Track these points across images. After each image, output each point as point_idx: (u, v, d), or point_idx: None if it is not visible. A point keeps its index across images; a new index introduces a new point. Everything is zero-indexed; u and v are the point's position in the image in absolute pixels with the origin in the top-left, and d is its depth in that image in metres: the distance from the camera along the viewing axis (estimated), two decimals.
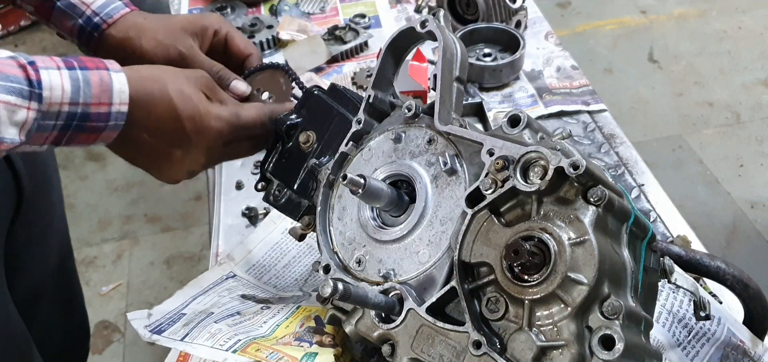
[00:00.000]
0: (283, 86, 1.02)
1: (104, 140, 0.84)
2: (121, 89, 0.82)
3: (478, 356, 0.69)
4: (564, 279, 0.66)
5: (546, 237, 0.67)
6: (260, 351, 0.81)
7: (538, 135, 0.78)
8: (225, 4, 1.89)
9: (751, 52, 3.73)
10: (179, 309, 0.95)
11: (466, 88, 1.00)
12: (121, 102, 0.82)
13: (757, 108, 3.38)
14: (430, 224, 0.78)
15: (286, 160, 0.95)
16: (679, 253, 0.86)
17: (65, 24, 1.05)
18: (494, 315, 0.70)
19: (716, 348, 0.92)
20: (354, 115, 0.89)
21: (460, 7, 1.71)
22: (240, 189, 1.34)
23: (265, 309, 0.95)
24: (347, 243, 0.84)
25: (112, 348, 2.47)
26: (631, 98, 3.46)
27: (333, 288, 0.67)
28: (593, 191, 0.68)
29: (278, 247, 1.15)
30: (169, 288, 2.54)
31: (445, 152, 0.79)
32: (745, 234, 2.75)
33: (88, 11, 1.03)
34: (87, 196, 3.09)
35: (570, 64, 1.63)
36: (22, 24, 4.20)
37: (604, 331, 0.65)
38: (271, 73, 1.03)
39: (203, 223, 2.82)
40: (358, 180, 0.76)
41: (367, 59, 1.69)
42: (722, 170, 3.03)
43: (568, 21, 4.06)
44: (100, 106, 0.80)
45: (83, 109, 0.79)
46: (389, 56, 0.90)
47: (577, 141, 1.40)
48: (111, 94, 0.81)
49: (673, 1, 4.17)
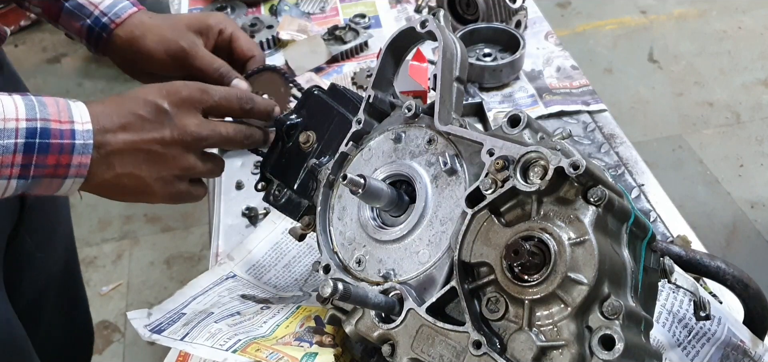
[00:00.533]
0: (281, 89, 1.03)
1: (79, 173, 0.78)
2: (80, 110, 0.78)
3: (478, 356, 0.69)
4: (564, 279, 0.65)
5: (546, 237, 0.67)
6: (260, 351, 0.81)
7: (538, 135, 0.78)
8: (225, 4, 1.89)
9: (751, 52, 3.74)
10: (179, 308, 0.95)
11: (466, 88, 1.00)
12: (83, 121, 0.77)
13: (757, 108, 3.38)
14: (430, 224, 0.78)
15: (286, 160, 0.95)
16: (679, 253, 0.86)
17: (74, 25, 1.04)
18: (494, 315, 0.70)
19: (716, 348, 0.92)
20: (354, 115, 0.89)
21: (460, 7, 1.71)
22: (240, 189, 1.34)
23: (265, 309, 0.95)
24: (347, 243, 0.84)
25: (112, 348, 2.47)
26: (631, 98, 3.46)
27: (333, 288, 0.67)
28: (593, 191, 0.68)
29: (278, 247, 1.15)
30: (169, 288, 2.54)
31: (445, 152, 0.79)
32: (745, 234, 2.75)
33: (96, 11, 1.02)
34: (87, 196, 3.08)
35: (570, 64, 1.63)
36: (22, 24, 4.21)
37: (604, 331, 0.64)
38: (271, 75, 1.03)
39: (203, 223, 2.82)
40: (358, 180, 0.76)
41: (367, 59, 1.69)
42: (722, 170, 3.03)
43: (568, 21, 4.06)
44: (61, 123, 0.76)
45: (43, 125, 0.74)
46: (389, 56, 0.90)
47: (577, 141, 1.40)
48: (69, 112, 0.77)
49: (673, 1, 4.17)
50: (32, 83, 3.84)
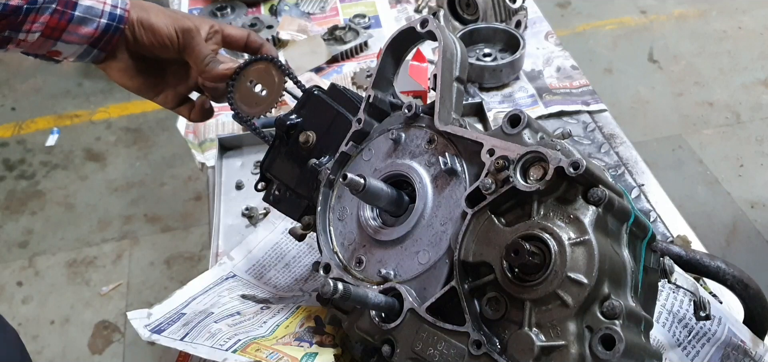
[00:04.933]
0: (275, 79, 1.02)
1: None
2: None
3: (478, 356, 0.69)
4: (564, 279, 0.65)
5: (546, 237, 0.67)
6: (260, 351, 0.81)
7: (538, 135, 0.78)
8: (225, 4, 1.89)
9: (751, 52, 3.74)
10: (179, 309, 0.95)
11: (466, 88, 1.00)
12: None
13: (757, 108, 3.38)
14: (430, 224, 0.78)
15: (286, 160, 0.95)
16: (679, 253, 0.86)
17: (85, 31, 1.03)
18: (494, 315, 0.70)
19: (716, 348, 0.92)
20: (354, 115, 0.89)
21: (460, 7, 1.71)
22: (240, 189, 1.34)
23: (265, 309, 0.95)
24: (347, 243, 0.84)
25: (112, 348, 2.47)
26: (631, 98, 3.46)
27: (333, 288, 0.67)
28: (593, 191, 0.68)
29: (278, 247, 1.15)
30: (169, 288, 2.54)
31: (445, 152, 0.79)
32: (745, 234, 2.75)
33: (107, 7, 1.03)
34: (87, 196, 3.09)
35: (570, 64, 1.63)
36: None
37: (605, 331, 0.64)
38: (266, 65, 1.03)
39: (203, 223, 2.82)
40: (358, 180, 0.76)
41: (367, 59, 1.69)
42: (722, 170, 3.03)
43: (568, 21, 4.06)
44: None
45: None
46: (389, 56, 0.90)
47: (577, 141, 1.40)
48: None
49: (673, 1, 4.17)
50: (31, 83, 3.84)
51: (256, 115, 1.02)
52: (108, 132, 3.45)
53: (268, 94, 1.02)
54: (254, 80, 1.03)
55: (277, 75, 1.02)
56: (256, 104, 1.02)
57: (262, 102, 1.02)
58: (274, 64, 1.02)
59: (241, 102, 1.03)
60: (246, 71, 1.03)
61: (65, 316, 2.57)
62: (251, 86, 1.02)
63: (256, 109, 1.02)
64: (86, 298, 2.62)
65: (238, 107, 1.02)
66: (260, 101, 1.02)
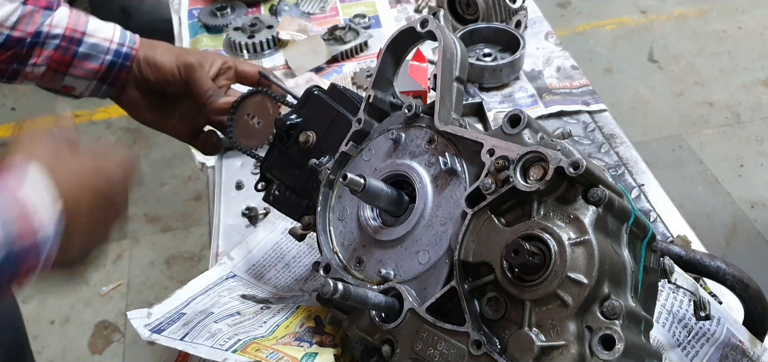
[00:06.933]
0: (269, 111, 1.05)
1: None
2: None
3: (478, 356, 0.69)
4: (564, 279, 0.66)
5: (546, 237, 0.67)
6: (260, 351, 0.81)
7: (538, 135, 0.78)
8: (225, 4, 1.88)
9: (751, 52, 3.74)
10: (179, 308, 0.95)
11: (466, 88, 1.00)
12: None
13: (757, 108, 3.38)
14: (430, 224, 0.78)
15: (286, 160, 0.95)
16: (679, 253, 0.86)
17: (89, 67, 1.08)
18: (494, 315, 0.70)
19: (716, 348, 0.92)
20: (354, 115, 0.89)
21: (460, 7, 1.71)
22: (240, 189, 1.34)
23: (265, 309, 0.95)
24: (347, 243, 0.84)
25: (112, 348, 2.47)
26: (631, 98, 3.46)
27: (333, 288, 0.67)
28: (593, 191, 0.68)
29: (278, 247, 1.15)
30: (169, 288, 2.54)
31: (445, 152, 0.79)
32: (745, 234, 2.75)
33: (113, 46, 1.08)
34: None
35: (570, 64, 1.63)
36: None
37: (605, 331, 0.64)
38: (262, 98, 1.07)
39: (203, 223, 2.82)
40: (358, 180, 0.76)
41: (367, 59, 1.69)
42: (722, 170, 3.03)
43: (568, 21, 4.06)
44: None
45: None
46: (389, 56, 0.90)
47: (577, 141, 1.40)
48: None
49: (673, 1, 4.17)
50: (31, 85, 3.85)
51: (252, 147, 1.06)
52: (108, 132, 3.45)
53: (263, 126, 1.04)
54: (251, 113, 1.06)
55: (271, 107, 1.05)
56: (252, 136, 1.06)
57: (256, 134, 1.06)
58: (267, 96, 1.04)
59: (240, 135, 1.06)
60: (244, 104, 1.07)
61: (65, 316, 2.57)
62: (249, 118, 1.06)
63: (252, 142, 1.06)
64: (86, 298, 2.62)
65: (236, 140, 1.06)
66: (255, 133, 1.06)
